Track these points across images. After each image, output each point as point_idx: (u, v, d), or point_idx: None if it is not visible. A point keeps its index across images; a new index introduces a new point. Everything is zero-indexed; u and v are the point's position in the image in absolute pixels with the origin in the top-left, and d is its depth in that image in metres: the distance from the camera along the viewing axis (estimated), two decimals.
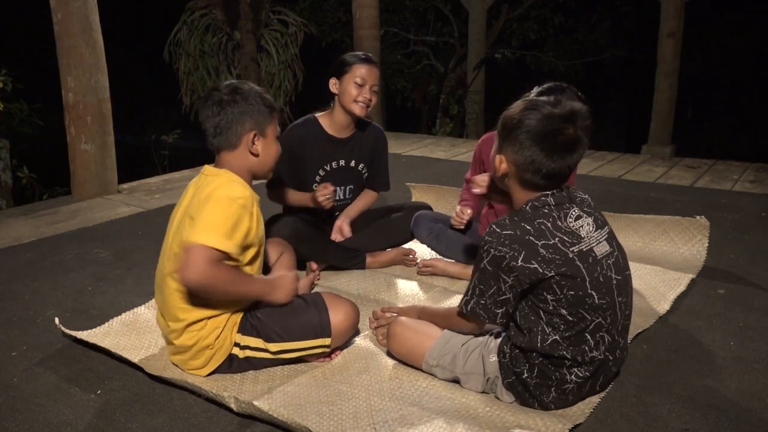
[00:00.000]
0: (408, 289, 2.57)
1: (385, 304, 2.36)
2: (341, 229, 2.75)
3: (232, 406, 1.68)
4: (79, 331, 2.13)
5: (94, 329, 2.18)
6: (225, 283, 1.70)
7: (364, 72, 2.58)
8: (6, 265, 2.95)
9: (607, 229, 1.71)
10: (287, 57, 7.10)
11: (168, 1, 8.01)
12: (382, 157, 2.88)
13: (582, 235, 1.62)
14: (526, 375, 1.66)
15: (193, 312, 1.79)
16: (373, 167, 2.86)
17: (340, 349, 2.01)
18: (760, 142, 9.53)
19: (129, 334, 2.16)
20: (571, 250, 1.59)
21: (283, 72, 7.10)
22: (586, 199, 1.75)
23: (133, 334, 2.16)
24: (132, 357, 1.98)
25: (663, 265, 2.74)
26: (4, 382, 1.92)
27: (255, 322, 1.87)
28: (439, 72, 10.52)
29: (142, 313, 2.30)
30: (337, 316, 1.91)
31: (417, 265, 2.76)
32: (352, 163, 2.79)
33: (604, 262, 1.64)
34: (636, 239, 3.00)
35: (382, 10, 7.89)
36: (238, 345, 1.87)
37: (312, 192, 2.59)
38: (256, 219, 1.82)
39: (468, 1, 8.97)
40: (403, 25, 10.47)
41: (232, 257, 1.73)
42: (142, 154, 7.45)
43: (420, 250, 2.92)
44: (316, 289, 2.54)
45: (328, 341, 1.90)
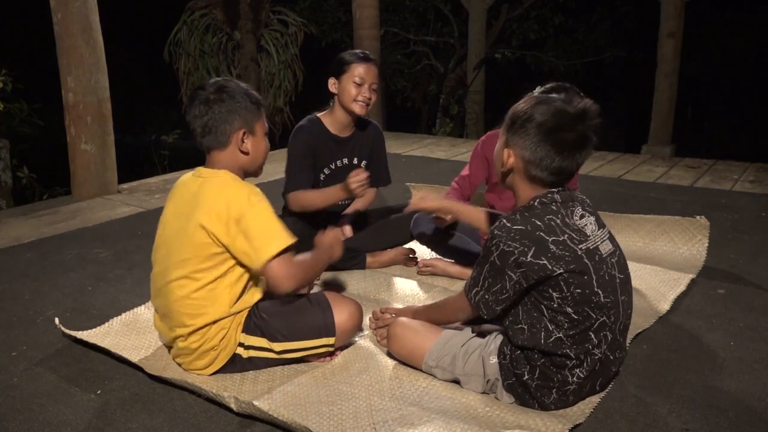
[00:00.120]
0: (408, 289, 2.57)
1: (385, 304, 2.36)
2: (342, 229, 2.75)
3: (232, 406, 1.68)
4: (79, 331, 2.13)
5: (94, 329, 2.18)
6: (306, 270, 1.83)
7: (363, 71, 2.58)
8: (6, 265, 2.95)
9: (606, 228, 1.71)
10: (287, 57, 7.11)
11: (168, 1, 8.01)
12: (381, 152, 2.88)
13: (588, 233, 1.62)
14: (527, 377, 1.65)
15: (200, 318, 1.79)
16: (373, 163, 2.86)
17: (340, 349, 2.00)
18: (760, 142, 9.53)
19: (129, 334, 2.16)
20: (579, 247, 1.58)
21: (283, 72, 7.11)
22: (585, 199, 1.75)
23: (133, 334, 2.16)
24: (132, 357, 1.98)
25: (663, 265, 2.74)
26: (4, 382, 1.92)
27: (259, 322, 1.87)
28: (439, 72, 10.52)
29: (142, 313, 2.30)
30: (341, 316, 1.91)
31: (417, 265, 2.77)
32: (354, 161, 2.79)
33: (609, 261, 1.64)
34: (636, 239, 3.00)
35: (382, 10, 7.89)
36: (242, 345, 1.87)
37: (341, 183, 2.47)
38: None
39: (468, 1, 8.97)
40: (403, 25, 10.47)
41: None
42: (142, 154, 7.45)
43: (420, 250, 2.92)
44: (315, 289, 2.53)
45: (332, 341, 1.90)
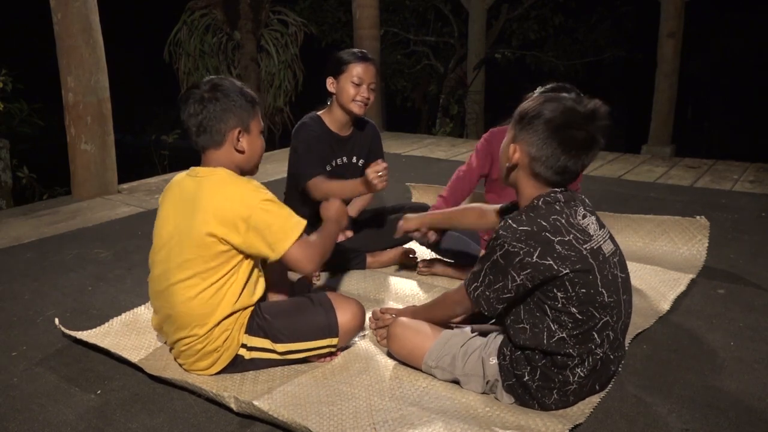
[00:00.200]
0: (408, 289, 2.57)
1: (385, 304, 2.37)
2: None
3: (232, 406, 1.68)
4: (79, 331, 2.13)
5: (94, 329, 2.18)
6: (323, 246, 1.87)
7: (361, 71, 2.57)
8: (6, 265, 2.95)
9: (606, 229, 1.71)
10: (287, 57, 7.11)
11: (168, 1, 8.01)
12: (378, 152, 2.88)
13: (591, 233, 1.62)
14: (527, 378, 1.65)
15: (212, 317, 1.78)
16: (370, 161, 2.85)
17: (340, 349, 2.00)
18: (760, 142, 9.53)
19: (129, 334, 2.16)
20: (584, 247, 1.58)
21: (283, 72, 7.11)
22: (585, 199, 1.75)
23: (133, 334, 2.16)
24: (132, 357, 1.98)
25: (663, 265, 2.74)
26: (4, 382, 1.92)
27: (262, 323, 1.87)
28: (439, 72, 10.52)
29: (142, 313, 2.30)
30: (344, 316, 1.91)
31: (417, 265, 2.77)
32: (353, 159, 2.79)
33: (611, 260, 1.64)
34: (636, 239, 3.00)
35: (382, 10, 7.89)
36: (245, 346, 1.86)
37: (360, 177, 2.39)
38: None
39: (468, 1, 8.97)
40: (403, 25, 10.47)
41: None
42: (142, 154, 7.45)
43: (420, 250, 2.92)
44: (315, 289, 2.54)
45: (335, 341, 1.90)
